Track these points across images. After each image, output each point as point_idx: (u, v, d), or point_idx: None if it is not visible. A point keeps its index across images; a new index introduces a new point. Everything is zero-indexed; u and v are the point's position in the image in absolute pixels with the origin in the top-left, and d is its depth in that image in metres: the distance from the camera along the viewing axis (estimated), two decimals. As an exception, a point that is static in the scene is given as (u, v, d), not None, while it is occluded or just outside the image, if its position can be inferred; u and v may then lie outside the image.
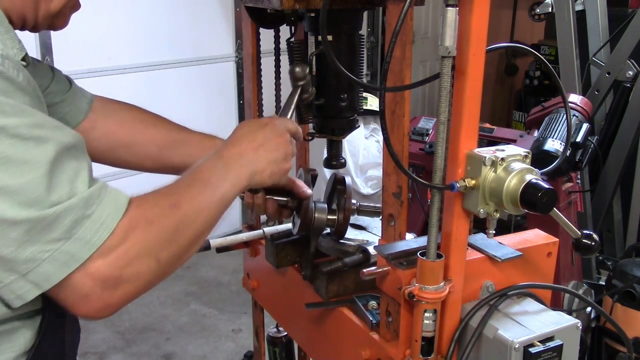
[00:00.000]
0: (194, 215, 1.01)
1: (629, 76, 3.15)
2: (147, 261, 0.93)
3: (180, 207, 0.99)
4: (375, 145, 4.44)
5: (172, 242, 0.97)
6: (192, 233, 1.01)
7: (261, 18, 1.49)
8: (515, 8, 6.72)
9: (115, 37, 3.90)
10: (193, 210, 1.01)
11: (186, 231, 0.99)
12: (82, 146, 0.94)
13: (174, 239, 0.97)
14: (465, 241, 1.10)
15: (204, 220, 1.03)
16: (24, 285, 0.85)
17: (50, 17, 1.10)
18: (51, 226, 0.83)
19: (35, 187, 0.83)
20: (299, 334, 1.64)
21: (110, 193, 0.91)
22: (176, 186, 1.04)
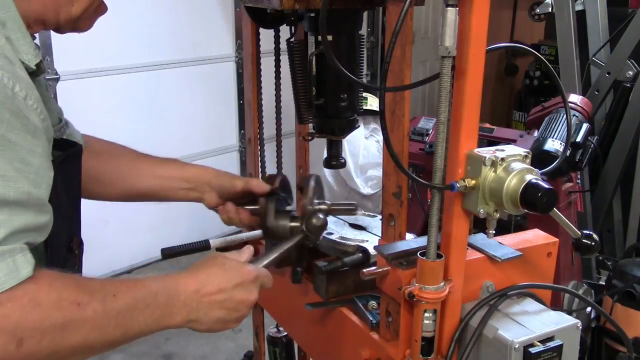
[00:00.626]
0: (93, 327, 0.91)
1: (629, 76, 3.15)
2: (6, 340, 0.84)
3: (84, 309, 0.90)
4: (375, 145, 4.44)
5: (45, 336, 0.87)
6: (77, 342, 0.90)
7: (261, 18, 1.49)
8: (515, 8, 6.72)
9: (115, 37, 3.90)
10: (95, 322, 0.92)
11: (70, 337, 0.89)
12: (32, 205, 0.90)
13: (50, 334, 0.87)
14: (465, 241, 1.10)
15: (98, 339, 0.93)
16: None
17: (72, 20, 1.10)
18: None
19: None
20: (299, 334, 1.64)
21: (14, 261, 0.85)
22: (100, 286, 0.95)
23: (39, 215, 0.92)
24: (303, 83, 1.44)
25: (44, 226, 0.94)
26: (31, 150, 0.91)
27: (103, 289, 0.95)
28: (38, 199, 0.91)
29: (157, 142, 4.26)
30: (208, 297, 1.06)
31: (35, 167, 0.91)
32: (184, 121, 4.44)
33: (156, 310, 0.99)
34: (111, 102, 4.00)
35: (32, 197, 0.90)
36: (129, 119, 4.09)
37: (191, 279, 1.06)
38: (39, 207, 0.92)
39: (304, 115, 1.48)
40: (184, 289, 1.04)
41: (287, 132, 1.68)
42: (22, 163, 0.89)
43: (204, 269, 1.10)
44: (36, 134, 0.93)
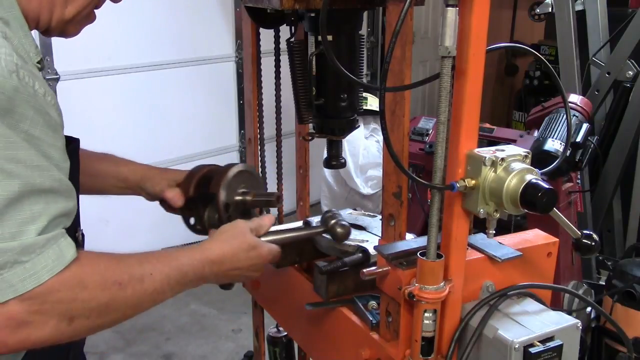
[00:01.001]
0: (132, 303, 1.02)
1: (629, 76, 3.15)
2: (59, 319, 0.93)
3: (125, 288, 1.00)
4: (375, 145, 4.44)
5: (92, 313, 0.97)
6: (117, 317, 1.02)
7: (261, 18, 1.49)
8: (515, 8, 6.72)
9: (115, 37, 3.90)
10: (134, 299, 1.02)
11: (113, 313, 1.00)
12: (63, 191, 0.95)
13: (97, 311, 0.97)
14: (465, 241, 1.10)
15: (135, 312, 1.05)
16: None
17: (63, 22, 1.11)
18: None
19: None
20: (299, 334, 1.64)
21: (59, 246, 0.92)
22: (138, 265, 1.04)
23: (69, 201, 0.97)
24: (303, 83, 1.44)
25: (73, 211, 0.99)
26: (53, 145, 0.95)
27: (141, 268, 1.04)
28: (67, 185, 0.97)
29: (157, 142, 4.27)
30: (226, 272, 1.21)
31: (56, 161, 0.96)
32: (184, 121, 4.44)
33: (185, 284, 1.13)
34: (111, 102, 4.00)
35: (63, 183, 0.95)
36: (129, 119, 4.10)
37: (217, 254, 1.19)
38: (69, 193, 0.97)
39: (304, 115, 1.48)
40: (209, 268, 1.17)
41: (287, 132, 1.68)
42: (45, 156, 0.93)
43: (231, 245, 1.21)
44: (57, 129, 0.97)
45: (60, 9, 1.08)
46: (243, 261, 1.22)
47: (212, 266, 1.17)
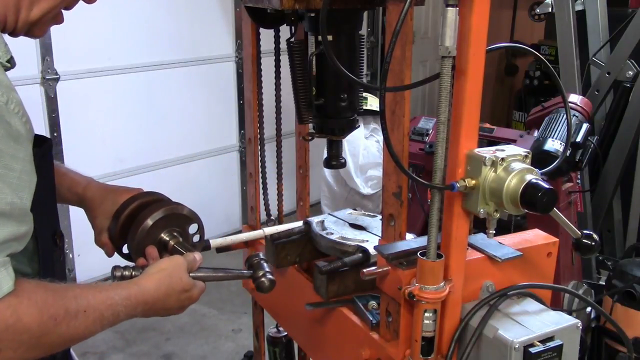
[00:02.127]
0: (65, 338, 1.01)
1: (629, 76, 3.15)
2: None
3: (59, 324, 0.99)
4: (375, 145, 4.44)
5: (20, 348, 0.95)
6: (45, 351, 1.00)
7: (261, 18, 1.49)
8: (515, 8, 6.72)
9: (115, 37, 3.90)
10: (67, 334, 1.01)
11: (42, 347, 0.98)
12: (16, 215, 0.93)
13: (26, 347, 0.95)
14: (465, 241, 1.10)
15: (65, 345, 1.05)
16: None
17: (28, 24, 1.10)
18: None
19: None
20: (299, 334, 1.64)
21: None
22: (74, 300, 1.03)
23: (21, 225, 0.95)
24: (303, 83, 1.44)
25: (25, 235, 0.97)
26: (13, 156, 0.92)
27: (77, 304, 1.03)
28: (20, 209, 0.94)
29: (157, 142, 4.27)
30: (155, 311, 1.21)
31: (17, 173, 0.93)
32: (184, 121, 4.44)
33: (115, 322, 1.11)
34: (111, 102, 4.00)
35: (15, 207, 0.92)
36: (128, 119, 4.10)
37: (152, 295, 1.18)
38: (22, 217, 0.95)
39: (304, 115, 1.48)
40: (142, 306, 1.16)
41: (287, 132, 1.68)
42: (4, 169, 0.90)
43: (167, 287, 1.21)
44: (19, 139, 0.94)
45: (25, 12, 1.07)
46: (174, 303, 1.23)
47: (144, 306, 1.16)
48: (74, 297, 1.04)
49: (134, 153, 4.10)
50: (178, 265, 1.24)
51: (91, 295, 1.07)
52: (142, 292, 1.16)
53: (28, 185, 0.96)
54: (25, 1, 1.06)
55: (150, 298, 1.17)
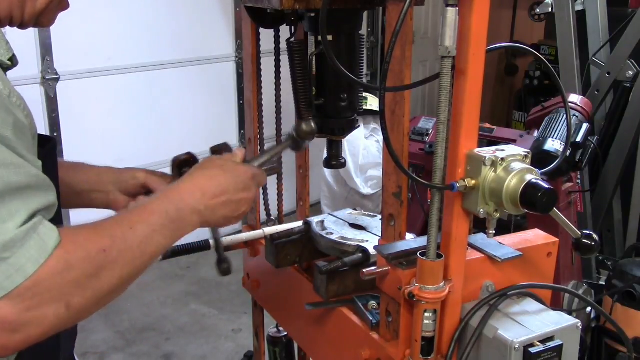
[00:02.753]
0: (123, 264, 0.98)
1: (629, 76, 3.15)
2: (56, 307, 0.90)
3: (110, 252, 0.96)
4: (375, 145, 4.44)
5: (87, 289, 0.93)
6: (114, 282, 0.97)
7: (261, 18, 1.49)
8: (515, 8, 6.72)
9: (115, 37, 3.90)
10: (124, 259, 0.98)
11: (107, 279, 0.96)
12: (41, 186, 0.93)
13: (90, 285, 0.94)
14: (465, 241, 1.10)
15: (131, 271, 1.00)
16: None
17: (36, 15, 1.10)
18: None
19: None
20: (299, 334, 1.64)
21: (39, 236, 0.89)
22: (116, 225, 1.01)
23: (49, 195, 0.95)
24: (303, 83, 1.44)
25: (53, 205, 0.97)
26: (22, 146, 0.93)
27: (119, 226, 1.00)
28: (45, 180, 0.95)
29: (157, 142, 4.27)
30: (213, 199, 1.12)
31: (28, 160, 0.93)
32: (184, 121, 4.44)
33: (171, 225, 1.06)
34: (111, 102, 4.00)
35: (40, 178, 0.93)
36: (128, 119, 4.10)
37: (194, 185, 1.12)
38: (47, 187, 0.95)
39: (304, 115, 1.48)
40: (189, 197, 1.10)
41: (287, 132, 1.68)
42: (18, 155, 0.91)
43: (204, 172, 1.16)
44: (24, 131, 0.95)
45: (31, 4, 1.07)
46: (224, 181, 1.14)
47: (192, 195, 1.10)
48: (115, 222, 1.01)
49: (134, 153, 4.09)
50: (204, 160, 1.20)
51: (130, 213, 1.04)
52: (179, 185, 1.11)
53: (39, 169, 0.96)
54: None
55: (191, 185, 1.11)
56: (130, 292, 3.96)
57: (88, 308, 0.95)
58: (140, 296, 3.92)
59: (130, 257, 0.99)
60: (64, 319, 0.92)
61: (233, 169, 1.19)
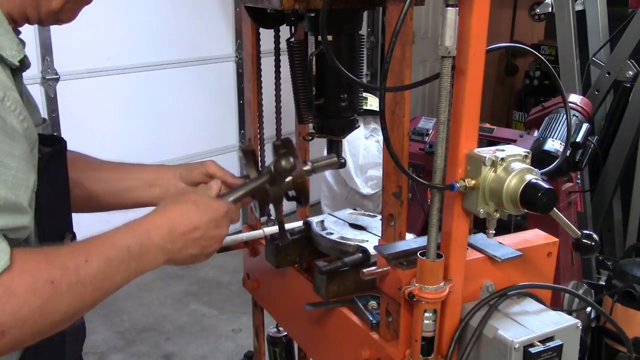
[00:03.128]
0: (71, 299, 0.92)
1: (629, 76, 3.15)
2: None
3: (59, 285, 0.90)
4: (375, 145, 4.44)
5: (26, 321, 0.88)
6: (59, 318, 0.92)
7: (261, 18, 1.49)
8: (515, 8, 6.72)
9: (115, 37, 3.90)
10: (72, 293, 0.92)
11: (51, 315, 0.91)
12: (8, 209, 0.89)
13: (31, 321, 0.88)
14: (465, 241, 1.10)
15: (78, 308, 0.95)
16: None
17: (53, 13, 1.09)
18: None
19: None
20: (299, 334, 1.64)
21: None
22: (71, 255, 0.95)
23: (16, 219, 0.91)
24: (303, 83, 1.44)
25: (21, 228, 0.93)
26: (9, 153, 0.90)
27: (74, 257, 0.94)
28: (15, 204, 0.90)
29: (157, 142, 4.27)
30: (182, 236, 1.07)
31: (13, 170, 0.90)
32: (184, 121, 4.44)
33: (131, 263, 1.00)
34: (111, 102, 4.00)
35: (9, 201, 0.89)
36: (128, 119, 4.10)
37: (163, 220, 1.07)
38: (16, 211, 0.91)
39: (304, 115, 1.48)
40: (156, 232, 1.04)
41: (287, 132, 1.68)
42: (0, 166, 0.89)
43: (176, 206, 1.11)
44: (14, 136, 0.92)
45: (46, 3, 1.06)
46: (195, 217, 1.09)
47: (160, 231, 1.04)
48: (70, 251, 0.95)
49: (134, 153, 4.09)
50: (180, 191, 1.15)
51: (89, 243, 0.98)
52: (147, 218, 1.05)
53: (25, 183, 0.92)
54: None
55: (160, 219, 1.05)
56: (130, 292, 3.97)
57: (24, 342, 0.90)
58: (140, 296, 3.92)
59: (80, 292, 0.93)
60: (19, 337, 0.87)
61: (207, 205, 1.14)
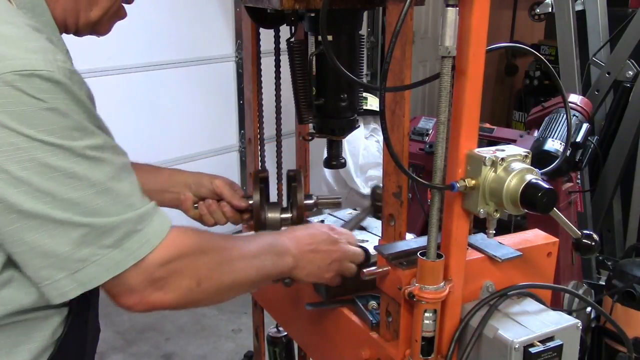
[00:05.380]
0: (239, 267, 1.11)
1: (629, 76, 3.15)
2: (190, 282, 1.02)
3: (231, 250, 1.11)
4: (375, 145, 4.44)
5: (214, 276, 1.06)
6: (230, 279, 1.09)
7: (261, 18, 1.49)
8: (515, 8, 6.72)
9: (115, 37, 3.88)
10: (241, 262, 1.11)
11: (227, 275, 1.08)
12: (130, 164, 1.01)
13: (217, 274, 1.07)
14: (465, 241, 1.10)
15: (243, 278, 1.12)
16: (70, 284, 0.92)
17: (90, 24, 1.14)
18: (106, 234, 0.92)
19: (96, 199, 0.92)
20: (299, 334, 1.64)
21: (159, 214, 1.00)
22: (230, 236, 1.16)
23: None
24: (303, 83, 1.44)
25: None
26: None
27: (236, 237, 1.17)
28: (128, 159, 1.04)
29: (157, 142, 4.27)
30: (304, 247, 1.23)
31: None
32: (184, 121, 4.44)
33: (274, 256, 1.18)
34: (111, 102, 3.99)
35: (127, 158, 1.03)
36: (128, 119, 4.09)
37: (291, 235, 1.25)
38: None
39: (304, 115, 1.48)
40: (286, 241, 1.22)
41: (287, 132, 1.68)
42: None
43: (304, 227, 1.31)
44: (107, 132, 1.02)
45: (84, 13, 1.11)
46: (316, 233, 1.26)
47: (289, 240, 1.22)
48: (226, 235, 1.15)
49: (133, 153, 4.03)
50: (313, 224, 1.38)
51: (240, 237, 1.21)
52: (290, 231, 1.27)
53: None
54: (82, 3, 1.09)
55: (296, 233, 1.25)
56: (130, 292, 3.96)
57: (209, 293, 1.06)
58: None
59: (245, 262, 1.12)
60: (193, 295, 1.03)
61: (329, 227, 1.31)
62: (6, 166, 0.85)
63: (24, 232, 0.88)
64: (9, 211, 0.87)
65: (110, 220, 0.92)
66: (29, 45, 0.90)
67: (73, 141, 0.89)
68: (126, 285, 0.96)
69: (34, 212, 0.88)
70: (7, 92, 0.84)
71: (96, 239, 0.91)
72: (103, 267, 0.93)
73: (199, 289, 1.03)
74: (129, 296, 0.97)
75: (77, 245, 0.90)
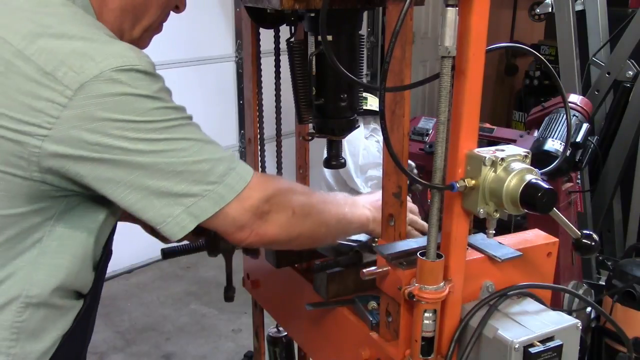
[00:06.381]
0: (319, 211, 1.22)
1: (629, 76, 3.14)
2: (288, 213, 1.15)
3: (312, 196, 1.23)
4: (375, 145, 4.44)
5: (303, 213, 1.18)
6: (313, 222, 1.21)
7: (261, 18, 1.49)
8: (515, 8, 6.73)
9: (115, 37, 3.90)
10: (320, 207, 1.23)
11: (311, 218, 1.20)
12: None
13: (308, 210, 1.20)
14: (465, 241, 1.10)
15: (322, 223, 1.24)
16: (186, 218, 1.06)
17: (134, 42, 1.20)
18: (211, 171, 1.07)
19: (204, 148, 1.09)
20: (299, 334, 1.64)
21: (239, 160, 1.14)
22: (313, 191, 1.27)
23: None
24: (303, 83, 1.44)
25: None
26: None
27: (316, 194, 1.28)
28: None
29: (157, 142, 4.27)
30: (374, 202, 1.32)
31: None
32: (184, 121, 4.43)
33: (351, 206, 1.30)
34: (111, 102, 3.99)
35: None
36: (129, 119, 4.09)
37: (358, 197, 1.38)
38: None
39: (304, 115, 1.48)
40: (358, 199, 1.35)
41: (287, 132, 1.68)
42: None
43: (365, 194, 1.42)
44: None
45: (129, 32, 1.21)
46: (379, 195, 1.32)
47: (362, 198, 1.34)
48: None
49: (134, 153, 4.09)
50: None
51: None
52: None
53: None
54: (127, 23, 1.20)
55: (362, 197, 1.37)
56: (130, 292, 3.97)
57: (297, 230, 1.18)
58: (140, 296, 3.92)
59: (324, 208, 1.24)
60: (290, 224, 1.16)
61: None
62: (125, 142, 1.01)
63: (145, 179, 1.03)
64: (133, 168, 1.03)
65: (214, 159, 1.08)
66: (120, 45, 1.05)
67: (176, 114, 1.07)
68: (237, 223, 1.09)
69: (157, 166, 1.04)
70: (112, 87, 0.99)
71: (204, 176, 1.06)
72: (212, 201, 1.07)
73: (294, 219, 1.16)
74: (241, 231, 1.11)
75: (192, 184, 1.05)
